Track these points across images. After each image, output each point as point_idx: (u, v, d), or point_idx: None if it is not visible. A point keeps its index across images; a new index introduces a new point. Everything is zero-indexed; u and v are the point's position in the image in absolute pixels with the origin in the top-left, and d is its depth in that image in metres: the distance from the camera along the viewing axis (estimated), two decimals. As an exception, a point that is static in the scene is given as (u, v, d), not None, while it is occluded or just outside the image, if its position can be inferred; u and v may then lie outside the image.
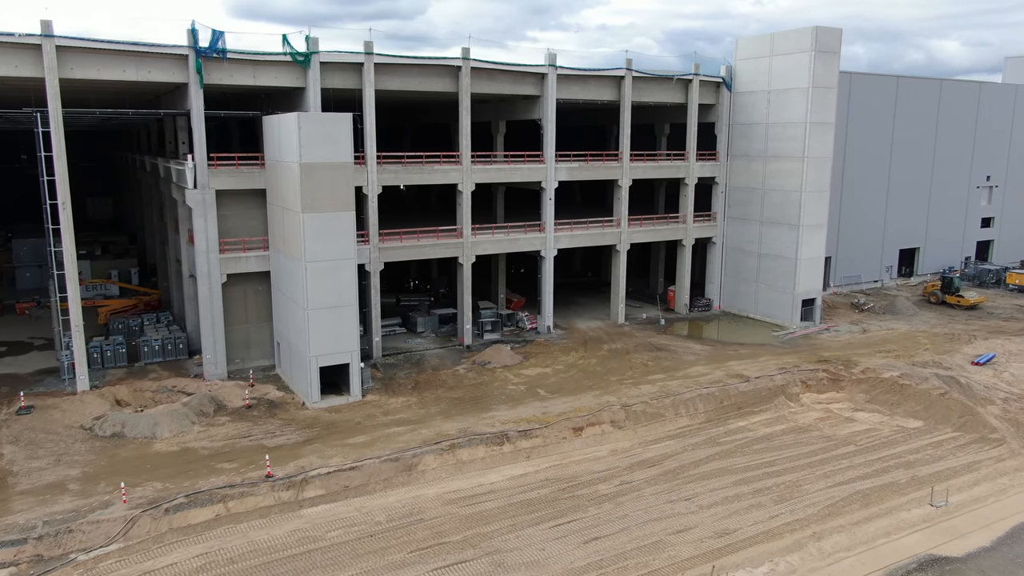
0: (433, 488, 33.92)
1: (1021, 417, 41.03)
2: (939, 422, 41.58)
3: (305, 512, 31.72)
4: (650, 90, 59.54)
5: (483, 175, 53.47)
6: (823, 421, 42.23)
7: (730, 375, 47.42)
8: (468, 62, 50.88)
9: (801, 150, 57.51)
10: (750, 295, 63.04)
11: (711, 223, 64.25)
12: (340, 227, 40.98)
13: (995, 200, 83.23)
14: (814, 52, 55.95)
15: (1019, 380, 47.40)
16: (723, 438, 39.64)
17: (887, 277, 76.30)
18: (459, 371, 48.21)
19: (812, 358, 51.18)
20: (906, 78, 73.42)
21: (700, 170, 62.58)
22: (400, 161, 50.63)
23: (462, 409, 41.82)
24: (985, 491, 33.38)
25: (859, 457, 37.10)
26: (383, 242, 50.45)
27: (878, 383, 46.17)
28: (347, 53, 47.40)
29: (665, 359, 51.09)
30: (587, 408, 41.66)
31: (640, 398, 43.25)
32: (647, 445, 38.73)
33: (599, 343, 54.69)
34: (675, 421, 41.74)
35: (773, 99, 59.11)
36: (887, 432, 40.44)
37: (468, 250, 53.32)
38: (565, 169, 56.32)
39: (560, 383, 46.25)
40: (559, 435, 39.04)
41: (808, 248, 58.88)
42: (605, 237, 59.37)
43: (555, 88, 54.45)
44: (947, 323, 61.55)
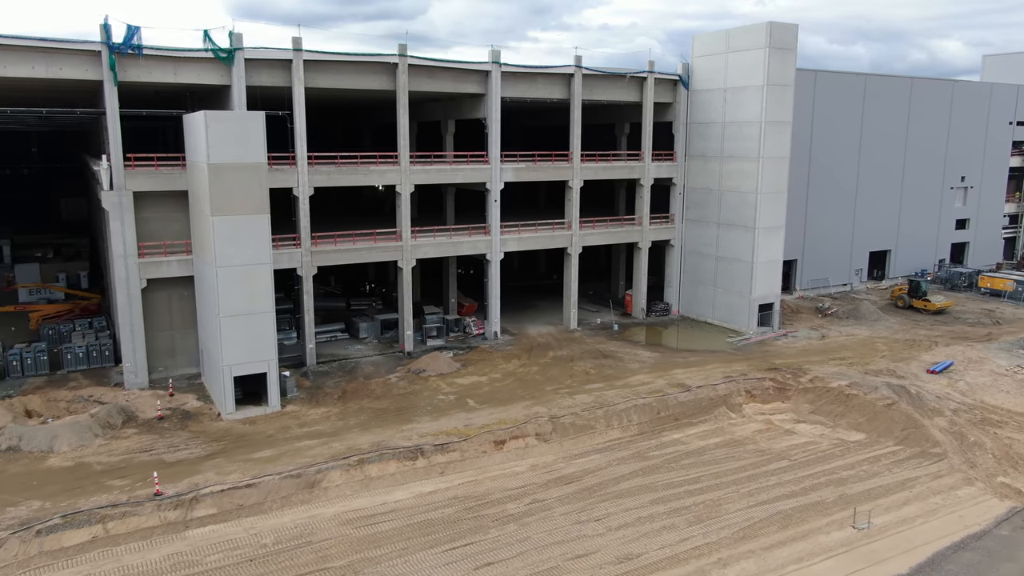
0: (333, 507, 32.13)
1: (967, 430, 39.13)
2: (881, 435, 39.71)
3: (190, 533, 29.95)
4: (602, 88, 57.69)
5: (423, 176, 51.69)
6: (761, 433, 40.37)
7: (672, 384, 45.57)
8: (405, 59, 49.07)
9: (757, 150, 55.61)
10: (708, 300, 61.17)
11: (669, 225, 62.37)
12: (254, 231, 39.20)
13: (970, 201, 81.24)
14: (769, 49, 54.06)
15: (973, 390, 45.54)
16: (652, 452, 37.79)
17: (857, 280, 74.37)
18: (391, 380, 46.40)
19: (762, 366, 49.31)
20: (874, 76, 71.49)
21: (656, 171, 60.70)
22: (333, 162, 48.85)
23: (383, 421, 40.02)
24: (914, 511, 31.50)
25: (790, 473, 35.25)
26: (316, 245, 48.66)
27: (824, 393, 44.30)
28: (274, 49, 45.62)
29: (609, 367, 49.24)
30: (513, 420, 39.85)
31: (572, 409, 41.43)
32: (570, 460, 36.90)
33: (545, 350, 52.85)
34: (605, 434, 39.89)
35: (729, 97, 57.24)
36: (825, 446, 38.56)
37: (408, 254, 51.51)
38: (511, 170, 54.50)
39: (493, 393, 44.43)
40: (478, 449, 37.23)
41: (765, 251, 56.98)
42: (555, 240, 57.55)
43: (499, 86, 52.63)
44: (910, 329, 59.63)
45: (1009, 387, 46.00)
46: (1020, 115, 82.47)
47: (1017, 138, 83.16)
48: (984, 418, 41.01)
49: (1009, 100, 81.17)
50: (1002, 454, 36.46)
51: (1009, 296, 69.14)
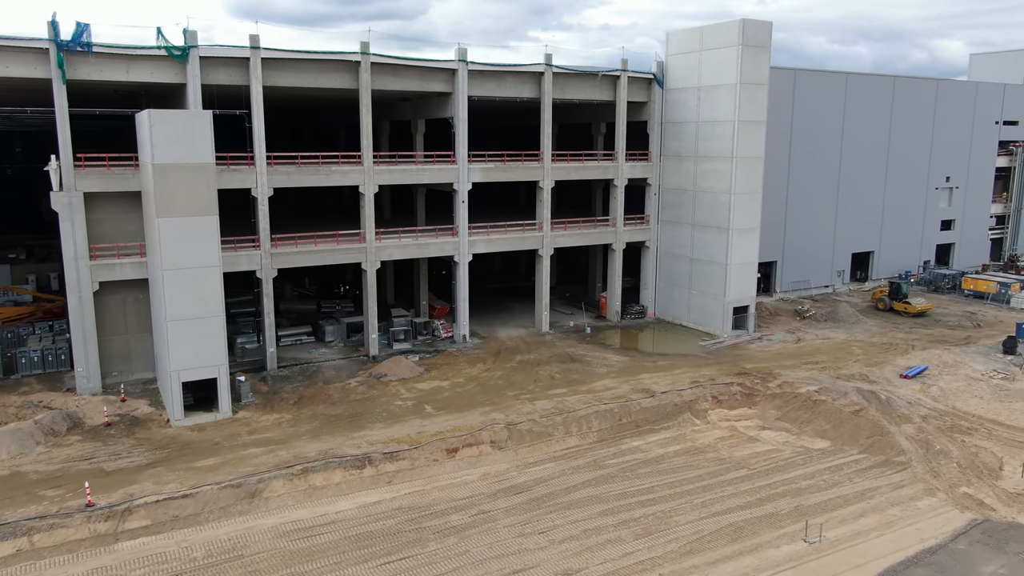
0: (272, 518, 31.13)
1: (934, 437, 38.08)
2: (846, 442, 38.66)
3: (120, 546, 28.96)
4: (574, 87, 56.66)
5: (388, 176, 50.68)
6: (724, 441, 39.33)
7: (637, 390, 44.55)
8: (368, 57, 48.07)
9: (730, 150, 54.55)
10: (683, 302, 60.12)
11: (644, 226, 61.31)
12: (202, 232, 38.21)
13: (955, 202, 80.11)
14: (741, 46, 52.99)
15: (946, 395, 44.48)
16: (609, 460, 36.76)
17: (839, 282, 73.28)
18: (351, 384, 45.41)
19: (732, 370, 48.27)
20: (855, 75, 70.42)
21: (631, 171, 59.64)
22: (294, 162, 47.85)
23: (335, 427, 39.03)
24: (870, 524, 30.43)
25: (747, 483, 34.20)
26: (276, 247, 47.65)
27: (792, 399, 43.27)
28: (230, 47, 44.68)
29: (575, 372, 48.22)
30: (469, 427, 38.83)
31: (530, 415, 40.41)
32: (524, 468, 35.87)
33: (513, 353, 51.83)
34: (563, 441, 38.86)
35: (703, 96, 56.20)
36: (788, 454, 37.52)
37: (372, 255, 50.49)
38: (479, 170, 53.46)
39: (453, 398, 43.42)
40: (430, 457, 36.22)
41: (739, 253, 55.92)
42: (526, 241, 56.50)
43: (466, 84, 51.60)
44: (888, 332, 58.55)
45: (983, 392, 44.93)
46: (1007, 114, 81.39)
47: (1004, 138, 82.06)
48: (954, 425, 39.94)
49: (995, 99, 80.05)
50: (968, 463, 35.40)
51: (992, 298, 68.05)
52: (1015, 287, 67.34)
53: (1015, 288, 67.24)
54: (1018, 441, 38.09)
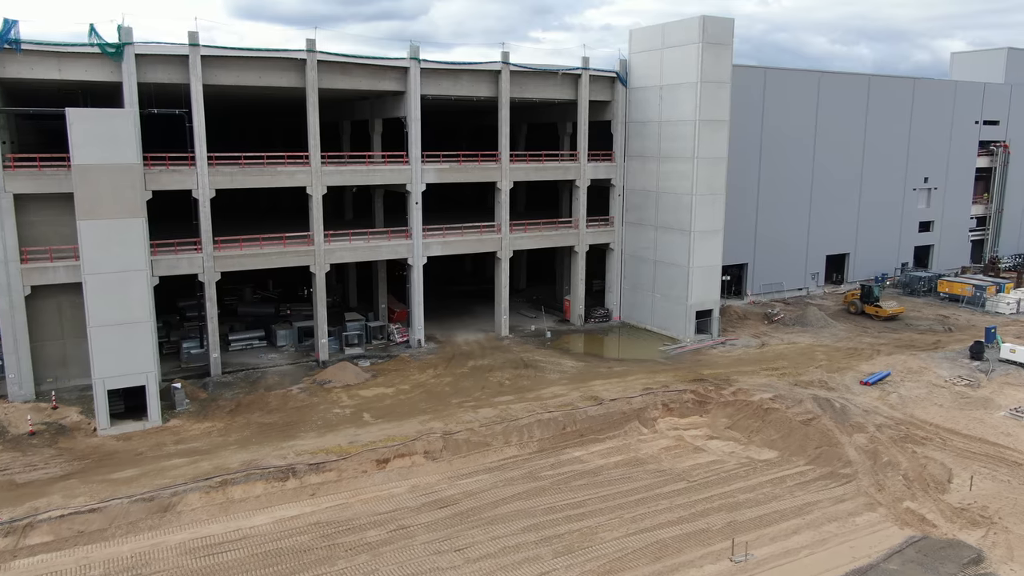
0: (181, 534, 29.87)
1: (885, 448, 36.75)
2: (794, 453, 37.34)
3: (17, 563, 27.74)
4: (534, 86, 55.36)
5: (336, 177, 49.40)
6: (669, 451, 38.02)
7: (585, 397, 43.26)
8: (314, 55, 46.85)
9: (692, 150, 53.24)
10: (647, 306, 58.82)
11: (608, 228, 60.01)
12: (127, 236, 37.02)
13: (934, 203, 78.69)
14: (702, 44, 51.67)
15: (905, 403, 43.15)
16: (545, 472, 35.47)
17: (813, 285, 71.93)
18: (292, 391, 44.16)
19: (689, 376, 46.98)
20: (828, 74, 69.06)
21: (593, 172, 58.35)
22: (237, 162, 46.61)
23: (266, 436, 37.78)
24: (803, 541, 29.10)
25: (684, 496, 32.89)
26: (219, 250, 46.43)
27: (744, 407, 41.94)
28: (167, 44, 43.44)
29: (526, 378, 46.93)
30: (403, 436, 37.57)
31: (471, 424, 39.14)
32: (455, 480, 34.58)
33: (466, 359, 50.56)
34: (501, 451, 37.57)
35: (665, 95, 54.90)
36: (732, 465, 36.19)
37: (321, 258, 49.26)
38: (433, 171, 52.19)
39: (394, 406, 42.16)
40: (358, 469, 34.95)
41: (701, 256, 54.58)
42: (483, 244, 55.23)
43: (419, 83, 50.35)
44: (856, 336, 57.19)
45: (944, 400, 43.59)
46: (987, 114, 79.96)
47: (984, 138, 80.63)
48: (908, 435, 38.61)
49: (975, 99, 78.64)
50: (915, 476, 34.06)
51: (967, 301, 66.64)
52: (991, 290, 65.93)
53: (990, 291, 65.84)
54: (972, 452, 36.76)
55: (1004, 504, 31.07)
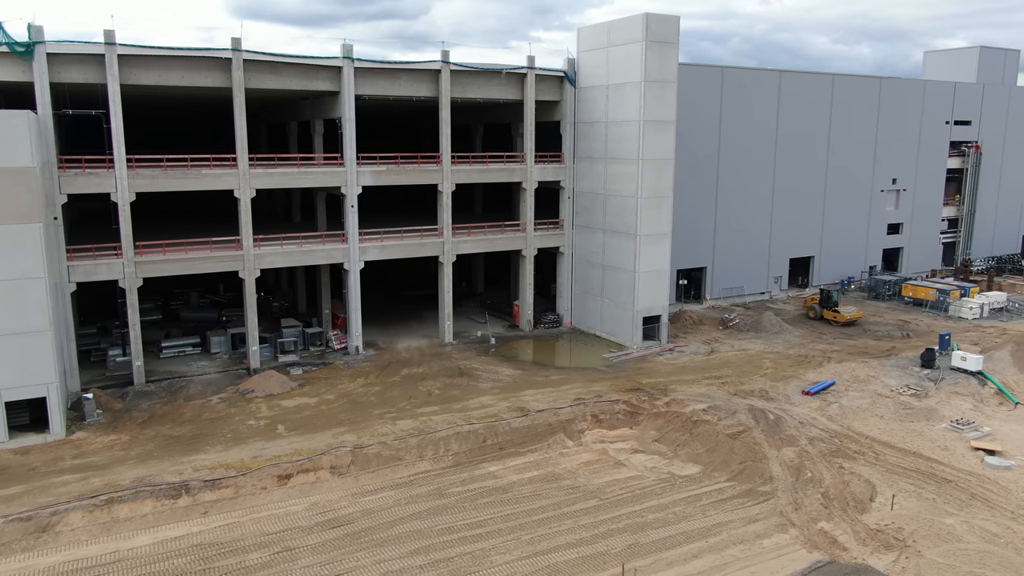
0: (55, 556, 28.46)
1: (811, 463, 35.26)
2: (717, 468, 35.84)
3: None
4: (477, 86, 53.86)
5: (265, 180, 47.94)
6: (589, 466, 36.54)
7: (513, 408, 41.80)
8: (240, 54, 45.41)
9: (636, 151, 51.73)
10: (596, 311, 57.33)
11: (557, 231, 58.52)
12: (23, 242, 35.59)
13: (903, 205, 77.09)
14: (646, 42, 50.12)
15: (845, 414, 41.65)
16: (454, 488, 34.00)
17: (776, 289, 70.38)
18: (212, 401, 42.75)
19: (626, 386, 45.50)
20: (789, 73, 67.50)
21: (541, 173, 56.87)
22: (159, 164, 45.16)
23: (170, 450, 36.36)
24: (702, 566, 27.61)
25: (592, 516, 31.42)
26: (141, 255, 45.03)
27: (674, 419, 40.46)
28: (81, 43, 42.03)
29: (457, 387, 45.48)
30: (312, 450, 36.14)
31: (385, 437, 37.70)
32: (358, 497, 33.14)
33: (401, 367, 49.12)
34: (413, 466, 36.12)
35: (611, 95, 53.38)
36: (650, 481, 34.71)
37: (250, 264, 47.82)
38: (369, 173, 50.74)
39: (313, 417, 40.73)
40: (257, 485, 33.53)
41: (647, 260, 53.04)
42: (424, 248, 53.75)
43: (353, 83, 48.90)
44: (810, 342, 55.66)
45: (885, 411, 42.08)
46: (958, 114, 78.34)
47: (955, 138, 79.00)
48: (840, 449, 37.12)
49: (945, 98, 77.02)
50: (836, 494, 32.56)
51: (931, 306, 65.05)
52: (954, 295, 64.34)
53: (954, 296, 64.25)
54: (903, 467, 35.27)
55: (921, 526, 29.56)
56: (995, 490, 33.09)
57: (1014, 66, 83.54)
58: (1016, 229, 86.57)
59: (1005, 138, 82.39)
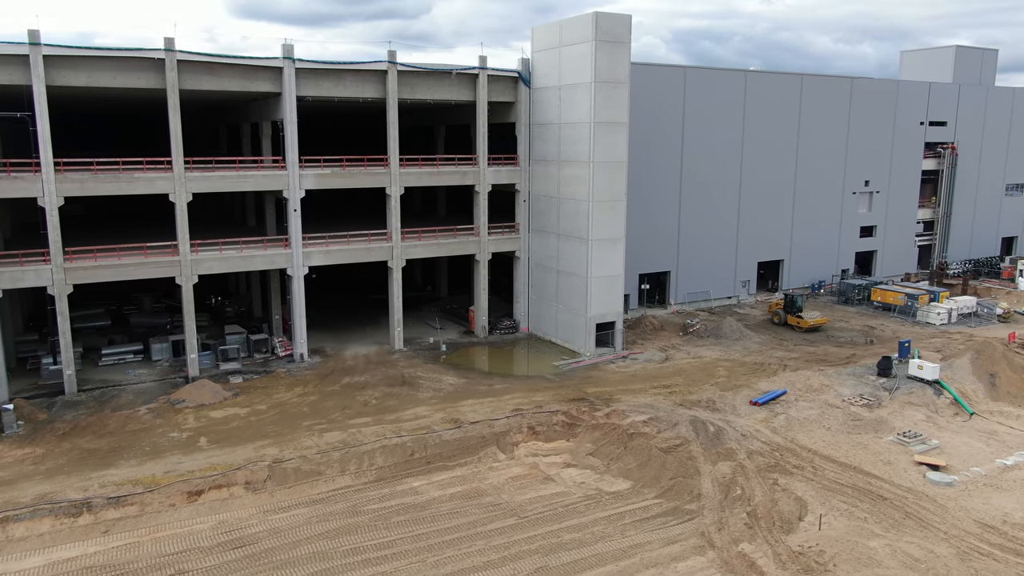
0: (-63, 579, 27.31)
1: (745, 479, 33.97)
2: (647, 484, 34.55)
3: None
4: (427, 87, 52.61)
5: (202, 184, 46.71)
6: (516, 481, 35.25)
7: (447, 419, 40.55)
8: (173, 54, 44.21)
9: (588, 154, 50.44)
10: (551, 317, 56.07)
11: (513, 235, 57.25)
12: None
13: (876, 207, 75.72)
14: (596, 42, 48.83)
15: (790, 425, 40.34)
16: (370, 505, 32.74)
17: (744, 293, 69.06)
18: (139, 412, 41.55)
19: (569, 396, 44.23)
20: (755, 73, 66.17)
21: (495, 176, 55.60)
22: (89, 168, 43.96)
23: (83, 464, 35.16)
24: (609, 592, 26.39)
25: (507, 535, 30.15)
26: (72, 261, 43.85)
27: (611, 431, 39.17)
28: (5, 44, 40.82)
29: (396, 396, 44.25)
30: (228, 465, 34.91)
31: (308, 451, 36.48)
32: (268, 515, 31.89)
33: (343, 375, 47.91)
34: (333, 481, 34.87)
35: (563, 96, 52.10)
36: (575, 498, 33.43)
37: (188, 269, 46.63)
38: (313, 176, 49.52)
39: (239, 429, 39.50)
40: (165, 502, 32.31)
41: (600, 266, 51.77)
42: (372, 253, 52.51)
43: (294, 84, 47.69)
44: (769, 349, 54.34)
45: (833, 423, 40.74)
46: (933, 115, 76.96)
47: (931, 139, 77.61)
48: (778, 463, 35.84)
49: (919, 99, 75.64)
50: (764, 512, 31.26)
51: (899, 311, 63.71)
52: (923, 299, 62.98)
53: (923, 300, 62.89)
54: (840, 483, 33.97)
55: (843, 549, 28.25)
56: (931, 509, 31.78)
57: (992, 66, 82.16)
58: (995, 231, 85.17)
59: (983, 139, 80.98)
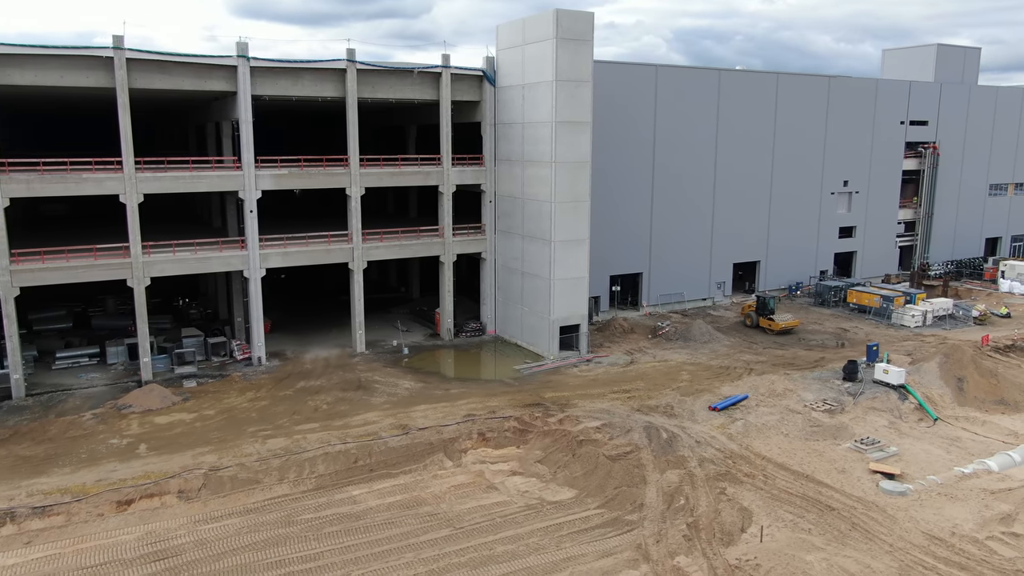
0: None
1: (691, 488, 33.09)
2: (592, 493, 33.66)
3: None
4: (388, 85, 51.76)
5: (154, 184, 45.89)
6: (459, 490, 34.36)
7: (396, 425, 39.72)
8: (122, 52, 43.41)
9: (550, 154, 49.54)
10: (517, 319, 55.20)
11: (479, 237, 56.38)
12: None
13: (856, 207, 74.74)
14: (557, 40, 47.92)
15: (747, 432, 39.43)
16: (305, 515, 31.87)
17: (720, 295, 68.14)
18: (84, 417, 40.74)
19: (526, 401, 43.38)
20: (729, 72, 65.24)
21: (459, 176, 54.74)
22: (35, 168, 43.16)
23: (15, 472, 34.35)
24: (533, 607, 25.51)
25: (438, 547, 29.27)
26: (17, 263, 43.05)
27: (561, 437, 38.29)
28: (-55, 41, 40.08)
29: (347, 401, 43.42)
30: (164, 472, 34.09)
31: (248, 458, 35.64)
32: (199, 525, 31.04)
33: (299, 379, 47.11)
34: (271, 490, 34.00)
35: (527, 95, 51.22)
36: (516, 508, 32.54)
37: (139, 271, 45.85)
38: (269, 177, 48.71)
39: (182, 435, 38.67)
40: (94, 511, 31.49)
41: (563, 267, 50.88)
42: (332, 255, 51.66)
43: (249, 83, 46.86)
44: (737, 352, 53.43)
45: (792, 429, 39.83)
46: (914, 114, 75.96)
47: (911, 139, 76.60)
48: (729, 471, 34.94)
49: (900, 98, 74.65)
50: (706, 524, 30.37)
51: (875, 313, 62.76)
52: (898, 301, 62.02)
53: (898, 302, 61.93)
54: (790, 492, 33.06)
55: (780, 563, 27.33)
56: (879, 519, 30.86)
57: (975, 65, 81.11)
58: (978, 232, 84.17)
59: (965, 139, 79.98)
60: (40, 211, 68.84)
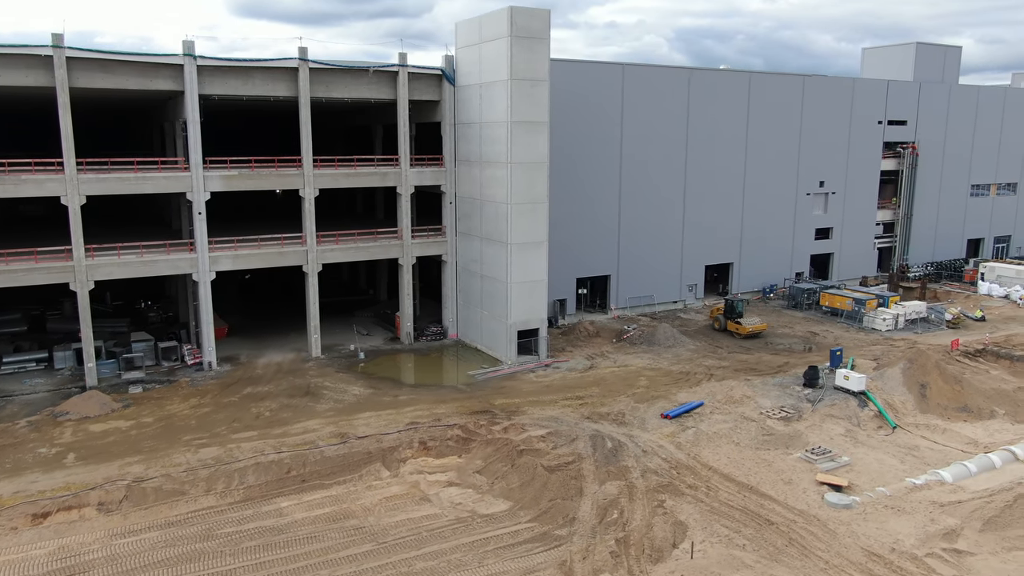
0: None
1: (628, 501, 32.03)
2: (526, 506, 32.58)
3: None
4: (343, 84, 50.68)
5: (97, 186, 44.86)
6: (391, 501, 33.27)
7: (336, 433, 38.68)
8: (62, 51, 42.39)
9: (506, 154, 48.47)
10: (477, 323, 54.14)
11: (439, 239, 55.31)
12: None
13: (833, 208, 73.55)
14: (511, 38, 46.83)
15: (698, 440, 38.35)
16: (226, 528, 30.81)
17: (691, 297, 67.03)
18: (17, 425, 39.75)
19: (474, 407, 42.33)
20: (700, 71, 64.09)
21: (418, 178, 53.69)
22: (-28, 170, 42.22)
23: (-66, 484, 33.38)
24: (441, 629, 24.45)
25: (357, 564, 28.21)
26: (-46, 267, 42.12)
27: (503, 447, 37.22)
28: None
29: (291, 408, 42.38)
30: (85, 484, 33.07)
31: (175, 469, 34.61)
32: (116, 539, 29.98)
33: (247, 385, 46.10)
34: (196, 501, 32.94)
35: (484, 94, 50.15)
36: (445, 521, 31.46)
37: (82, 275, 44.85)
38: (218, 178, 47.67)
39: (113, 444, 37.63)
40: (7, 525, 30.47)
41: (521, 270, 49.79)
42: (286, 257, 50.61)
43: (196, 82, 45.83)
44: (700, 357, 52.33)
45: (744, 437, 38.72)
46: (892, 114, 74.76)
47: (889, 139, 75.42)
48: (671, 483, 33.86)
49: (878, 97, 73.45)
50: (637, 539, 29.30)
51: (847, 316, 61.62)
52: (871, 304, 60.86)
53: (871, 305, 60.76)
54: (731, 505, 31.99)
55: (706, 581, 26.29)
56: (819, 534, 29.77)
57: (955, 64, 79.92)
58: (960, 233, 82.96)
59: (946, 138, 78.77)
60: (19, 211, 67.67)
